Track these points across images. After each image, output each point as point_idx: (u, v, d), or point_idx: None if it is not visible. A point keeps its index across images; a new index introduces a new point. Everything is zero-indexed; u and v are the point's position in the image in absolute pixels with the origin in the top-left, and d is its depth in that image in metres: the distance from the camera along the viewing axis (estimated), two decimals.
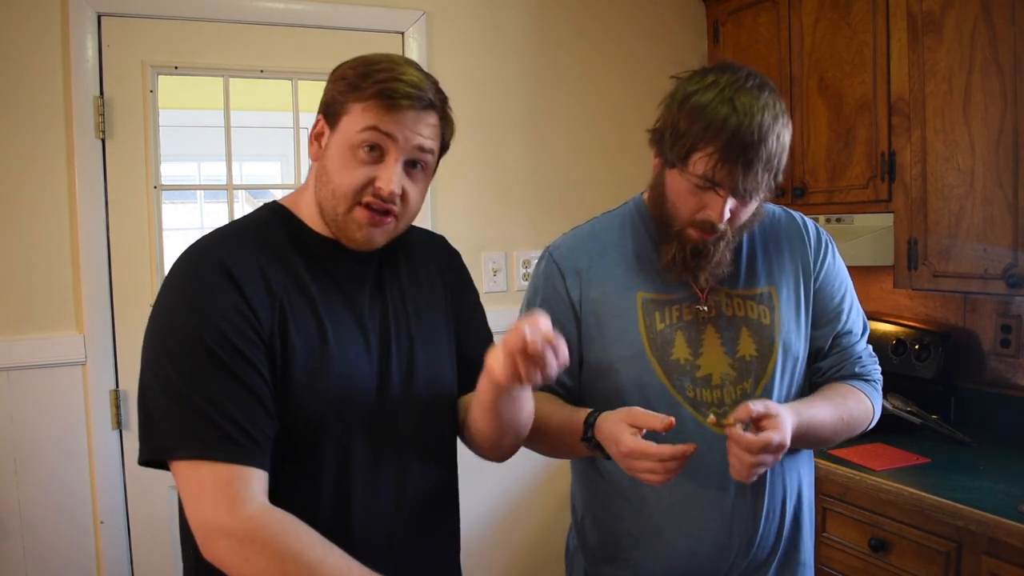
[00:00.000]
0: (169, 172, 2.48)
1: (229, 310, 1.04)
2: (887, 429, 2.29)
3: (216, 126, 2.49)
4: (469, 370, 1.21)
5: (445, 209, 2.67)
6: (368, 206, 1.10)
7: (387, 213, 1.12)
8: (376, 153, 1.09)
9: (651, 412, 1.19)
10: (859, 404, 1.37)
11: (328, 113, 1.13)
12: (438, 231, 1.39)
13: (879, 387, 1.43)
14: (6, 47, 2.18)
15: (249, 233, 1.15)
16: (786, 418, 1.18)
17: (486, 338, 1.30)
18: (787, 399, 1.35)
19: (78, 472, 2.26)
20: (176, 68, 2.39)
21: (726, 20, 2.87)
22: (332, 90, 1.13)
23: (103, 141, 2.29)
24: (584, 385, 1.40)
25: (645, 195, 1.42)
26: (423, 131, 1.11)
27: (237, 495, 0.98)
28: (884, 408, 2.29)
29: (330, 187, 1.11)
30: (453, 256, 1.36)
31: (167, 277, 1.10)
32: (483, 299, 1.37)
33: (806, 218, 1.45)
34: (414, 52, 2.62)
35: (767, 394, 1.32)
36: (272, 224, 1.17)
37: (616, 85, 2.90)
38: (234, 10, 2.42)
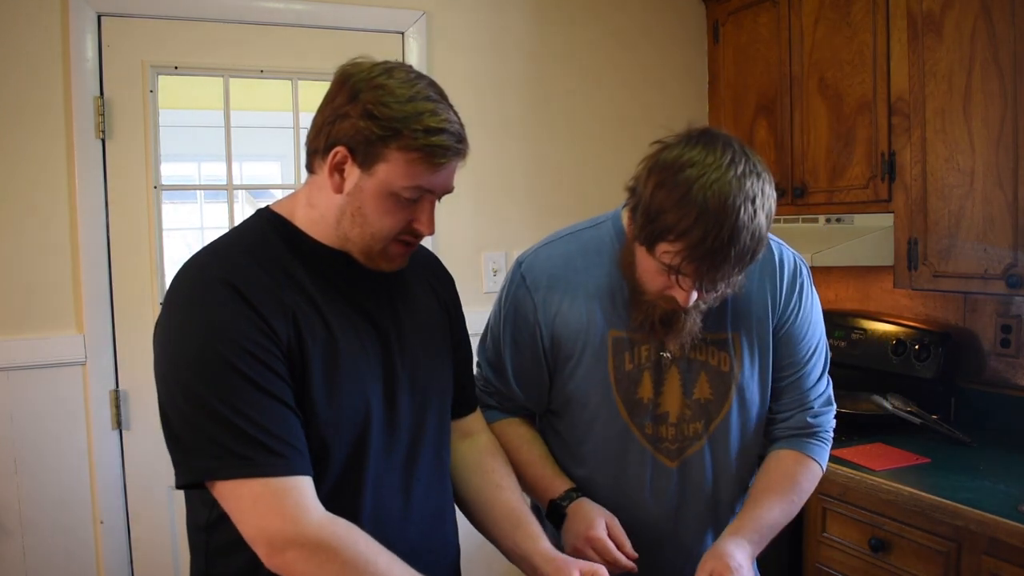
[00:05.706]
0: (169, 172, 2.48)
1: (245, 324, 1.02)
2: (887, 429, 2.29)
3: (216, 126, 2.49)
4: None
5: (445, 209, 2.61)
6: (404, 242, 1.14)
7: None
8: (416, 198, 1.10)
9: (626, 542, 1.28)
10: (808, 479, 1.39)
11: (355, 150, 1.06)
12: (438, 231, 1.40)
13: (828, 439, 1.43)
14: (6, 47, 2.18)
15: (246, 246, 1.12)
16: (738, 560, 1.23)
17: (470, 375, 1.40)
18: (740, 439, 1.39)
19: (78, 472, 2.26)
20: (176, 68, 2.39)
21: (726, 20, 2.87)
22: (360, 126, 1.04)
23: (103, 141, 2.29)
24: (549, 403, 1.44)
25: (624, 215, 1.31)
26: (454, 175, 1.12)
27: (297, 505, 0.99)
28: (884, 408, 2.31)
29: (369, 230, 1.10)
30: (449, 281, 1.37)
31: (171, 297, 1.08)
32: (483, 299, 1.38)
33: (784, 253, 1.39)
34: (414, 52, 2.62)
35: (719, 433, 1.37)
36: (270, 235, 1.14)
37: (616, 85, 2.90)
38: (234, 10, 2.42)
